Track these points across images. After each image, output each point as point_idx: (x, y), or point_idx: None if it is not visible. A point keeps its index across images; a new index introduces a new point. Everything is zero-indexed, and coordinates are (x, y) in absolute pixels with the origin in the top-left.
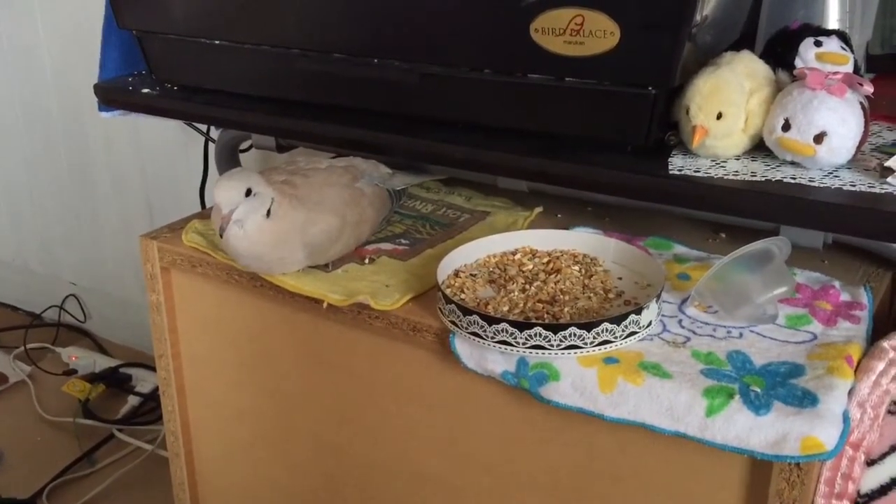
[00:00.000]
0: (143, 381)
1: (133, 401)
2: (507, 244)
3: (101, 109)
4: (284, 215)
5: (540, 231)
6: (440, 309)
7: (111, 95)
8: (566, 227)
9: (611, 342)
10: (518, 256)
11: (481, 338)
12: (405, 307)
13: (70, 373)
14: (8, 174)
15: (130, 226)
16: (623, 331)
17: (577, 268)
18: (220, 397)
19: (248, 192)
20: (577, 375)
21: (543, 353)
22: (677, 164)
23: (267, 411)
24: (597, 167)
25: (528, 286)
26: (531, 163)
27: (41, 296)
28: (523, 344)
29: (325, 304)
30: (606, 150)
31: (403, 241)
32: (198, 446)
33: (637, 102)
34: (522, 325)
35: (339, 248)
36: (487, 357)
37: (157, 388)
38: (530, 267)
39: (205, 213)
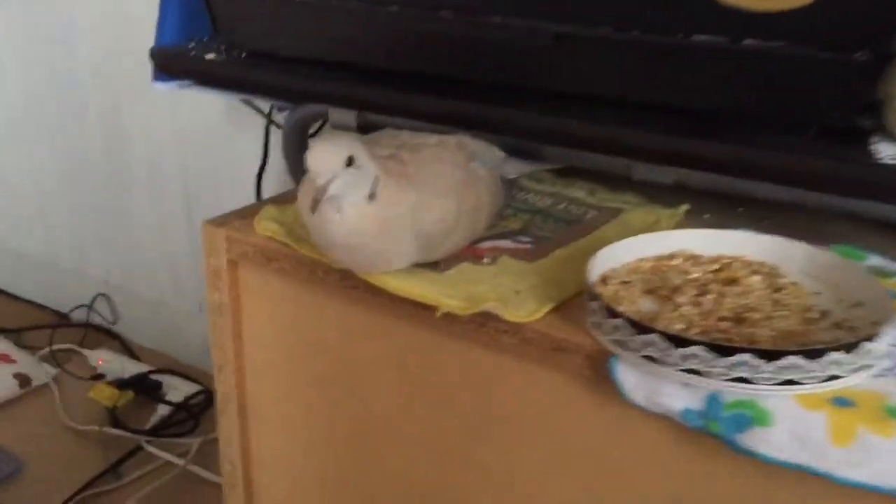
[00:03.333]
0: (175, 390)
1: (163, 410)
2: (662, 247)
3: (156, 79)
4: (391, 198)
5: (702, 232)
6: (596, 324)
7: (170, 62)
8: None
9: (839, 377)
10: (678, 262)
11: (661, 364)
12: (545, 320)
13: (97, 377)
14: (39, 165)
15: (166, 223)
16: (853, 363)
17: (757, 278)
18: (290, 422)
19: (350, 162)
20: (797, 420)
21: (749, 389)
22: (887, 151)
23: (348, 442)
24: (777, 152)
25: (700, 299)
26: (688, 146)
27: (69, 294)
28: (722, 375)
29: (438, 313)
30: (780, 131)
31: (524, 238)
32: (259, 478)
33: (837, 71)
34: (724, 350)
35: (454, 241)
36: (663, 389)
37: (189, 398)
38: (697, 275)
39: (280, 197)
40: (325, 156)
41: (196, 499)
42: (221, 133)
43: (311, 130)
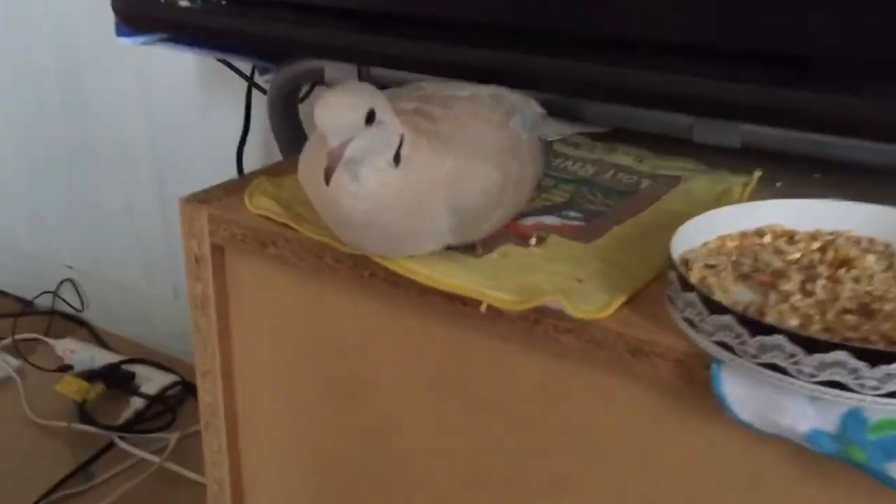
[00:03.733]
0: (149, 381)
1: (137, 403)
2: (748, 221)
3: (120, 34)
4: (422, 162)
5: (794, 202)
6: (689, 320)
7: (136, 12)
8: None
9: None
10: (769, 240)
11: (788, 374)
12: (618, 315)
13: (65, 369)
14: None
15: (136, 200)
16: None
17: (872, 258)
18: (290, 438)
19: (370, 118)
20: None
21: None
22: None
23: (362, 464)
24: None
25: (810, 286)
26: (777, 97)
27: (33, 280)
28: (873, 389)
29: (482, 307)
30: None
31: (572, 213)
32: (252, 502)
33: None
34: (876, 357)
35: (497, 218)
36: (785, 405)
37: (164, 389)
38: (796, 256)
39: (274, 168)
40: (340, 110)
41: (174, 499)
42: (195, 100)
43: (301, 94)
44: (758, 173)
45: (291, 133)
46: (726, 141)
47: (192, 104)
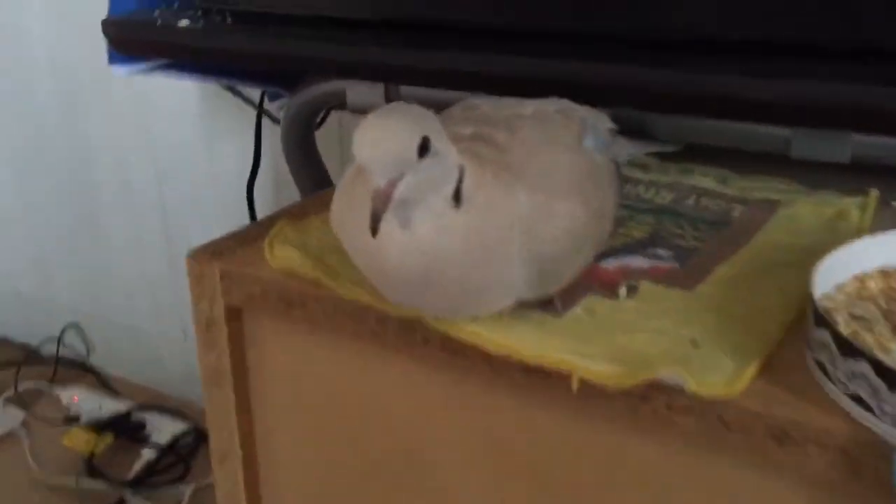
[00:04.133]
0: (160, 430)
1: (148, 454)
2: (880, 255)
3: (113, 61)
4: (490, 200)
5: None
6: (855, 397)
7: (129, 35)
8: None
9: None
10: None
11: None
12: (752, 390)
13: (71, 419)
14: None
15: (141, 240)
16: None
17: None
18: None
19: (424, 149)
20: None
21: None
22: None
23: None
24: None
25: None
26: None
27: (35, 326)
28: None
29: (574, 382)
30: None
31: (660, 251)
32: None
33: None
34: None
35: (581, 263)
36: None
37: (177, 438)
38: None
39: (295, 209)
40: (387, 139)
41: None
42: (200, 132)
43: (318, 120)
44: (875, 192)
45: (308, 166)
46: (833, 155)
47: (196, 136)
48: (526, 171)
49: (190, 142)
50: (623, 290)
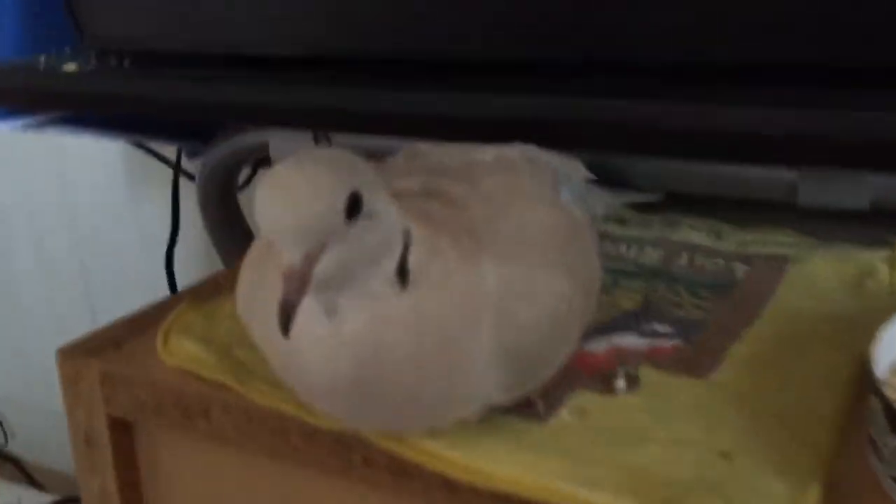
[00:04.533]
0: None
1: None
2: None
3: None
4: (447, 277)
5: None
6: None
7: (10, 84)
8: None
9: None
10: None
11: None
12: None
13: None
14: None
15: (62, 315)
16: None
17: None
18: None
19: (353, 206)
20: None
21: None
22: None
23: None
24: None
25: None
26: None
27: None
28: None
29: None
30: None
31: (658, 326)
32: None
33: None
34: None
35: (566, 352)
36: None
37: None
38: None
39: (204, 287)
40: (302, 197)
41: None
42: (121, 195)
43: (240, 180)
44: None
45: (230, 234)
46: (849, 201)
47: (118, 199)
48: (493, 235)
49: (111, 206)
50: (621, 382)
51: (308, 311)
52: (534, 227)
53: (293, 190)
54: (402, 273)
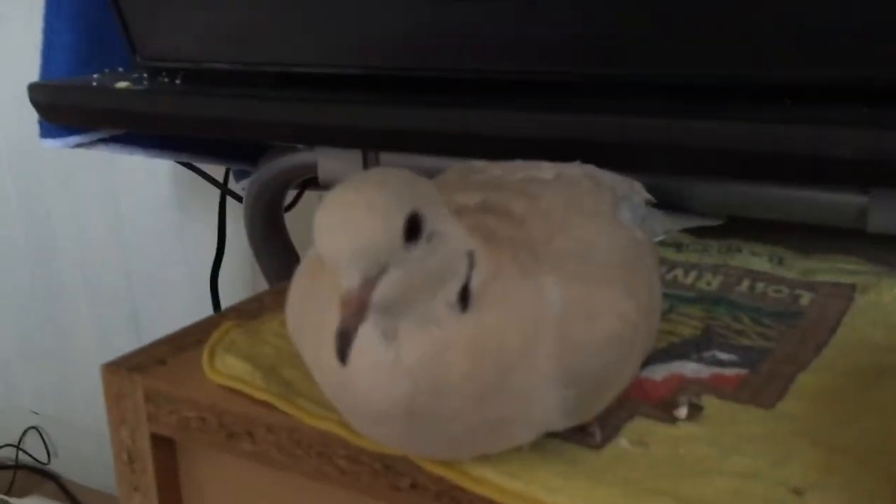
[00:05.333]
0: None
1: None
2: None
3: (44, 134)
4: (510, 298)
5: None
6: None
7: (59, 100)
8: None
9: None
10: None
11: None
12: None
13: None
14: None
15: (108, 337)
16: None
17: None
18: None
19: (414, 228)
20: None
21: None
22: None
23: None
24: None
25: None
26: None
27: None
28: None
29: None
30: None
31: (720, 354)
32: None
33: None
34: None
35: (627, 376)
36: None
37: None
38: None
39: (249, 305)
40: (360, 220)
41: None
42: (168, 214)
43: (287, 201)
44: None
45: (276, 254)
46: None
47: (167, 221)
48: (553, 252)
49: (159, 228)
50: (682, 411)
51: (365, 335)
52: (595, 245)
53: (351, 212)
54: (464, 296)
